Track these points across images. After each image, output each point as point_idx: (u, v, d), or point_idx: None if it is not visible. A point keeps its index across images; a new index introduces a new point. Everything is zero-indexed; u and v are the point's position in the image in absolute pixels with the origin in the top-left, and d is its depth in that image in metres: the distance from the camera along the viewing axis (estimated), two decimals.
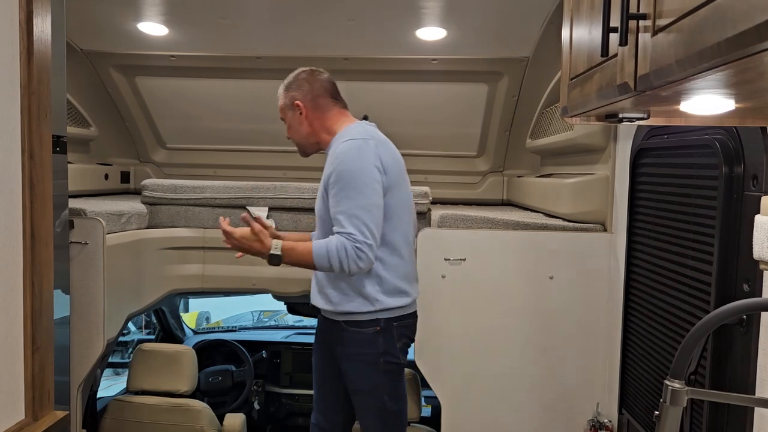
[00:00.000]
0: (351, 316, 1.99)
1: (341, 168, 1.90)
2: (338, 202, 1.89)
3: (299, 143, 2.14)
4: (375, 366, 2.00)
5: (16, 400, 1.39)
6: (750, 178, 1.38)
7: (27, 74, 1.34)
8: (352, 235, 1.86)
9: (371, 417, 2.06)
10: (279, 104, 2.15)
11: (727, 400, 1.25)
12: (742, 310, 0.94)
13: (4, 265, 1.35)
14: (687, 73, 0.75)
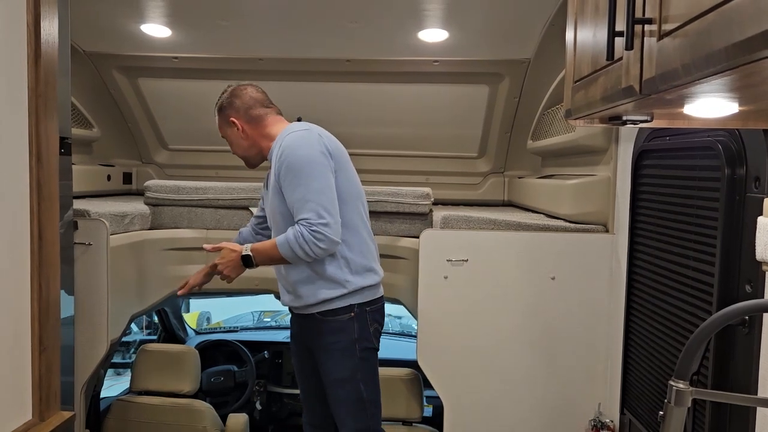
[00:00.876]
0: (324, 305, 2.03)
1: (289, 159, 1.96)
2: (292, 191, 1.95)
3: (244, 156, 2.21)
4: (351, 353, 2.05)
5: (24, 400, 1.40)
6: (752, 180, 1.39)
7: (35, 77, 1.35)
8: (308, 219, 1.91)
9: (347, 406, 2.07)
10: (217, 125, 2.22)
11: (730, 400, 1.26)
12: (747, 310, 0.95)
13: (11, 266, 1.36)
14: (693, 78, 0.76)
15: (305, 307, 2.08)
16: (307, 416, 2.30)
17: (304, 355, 2.20)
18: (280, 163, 1.98)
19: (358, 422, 2.07)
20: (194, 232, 2.84)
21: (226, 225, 2.84)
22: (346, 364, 2.05)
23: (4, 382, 1.35)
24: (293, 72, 3.06)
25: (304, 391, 2.28)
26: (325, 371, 2.09)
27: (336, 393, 2.08)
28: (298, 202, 1.94)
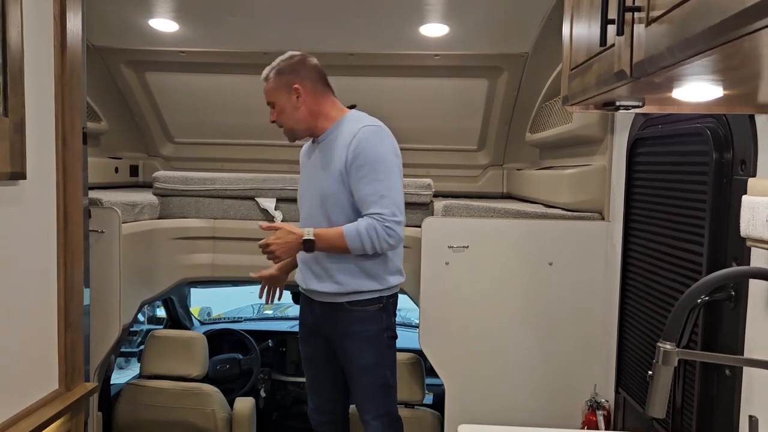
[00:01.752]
0: (357, 296, 2.08)
1: (368, 152, 1.99)
2: (366, 184, 1.98)
3: (292, 128, 2.15)
4: (379, 341, 2.11)
5: (51, 371, 1.48)
6: (738, 163, 1.47)
7: (61, 66, 1.43)
8: (382, 215, 1.96)
9: (372, 392, 2.13)
10: (267, 88, 2.13)
11: (713, 360, 1.35)
12: (727, 277, 1.03)
13: (41, 245, 1.44)
14: (677, 59, 0.84)
15: (335, 295, 2.09)
16: (314, 404, 2.32)
17: (318, 343, 2.22)
18: (356, 153, 1.99)
19: (380, 407, 2.14)
20: (201, 221, 2.91)
21: (233, 215, 2.92)
22: (374, 352, 2.11)
23: (34, 355, 1.43)
24: None
25: (314, 379, 2.30)
26: (351, 358, 2.12)
27: (361, 379, 2.13)
28: (373, 196, 1.97)
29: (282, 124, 2.15)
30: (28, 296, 1.41)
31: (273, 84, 2.12)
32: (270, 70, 2.15)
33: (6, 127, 1.22)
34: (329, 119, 2.13)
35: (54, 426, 1.42)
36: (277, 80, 2.12)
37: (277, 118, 2.14)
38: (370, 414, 2.13)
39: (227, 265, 2.94)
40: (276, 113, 2.14)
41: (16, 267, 1.36)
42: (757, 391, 1.37)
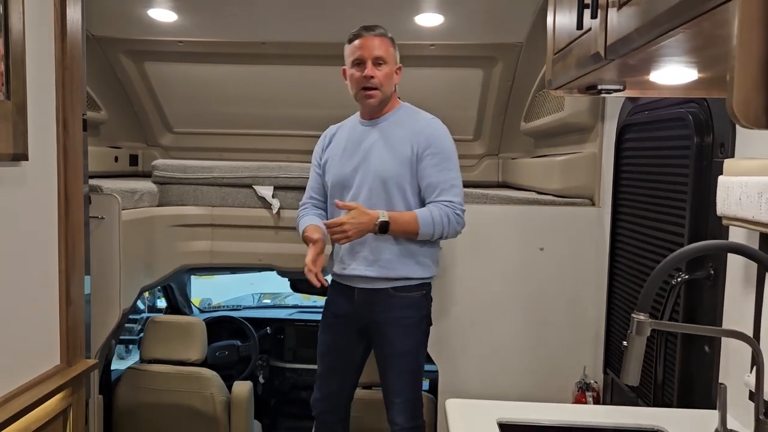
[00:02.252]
0: (402, 282, 2.11)
1: (443, 142, 2.10)
2: (439, 172, 2.06)
3: (384, 95, 2.12)
4: (419, 327, 2.15)
5: (53, 347, 1.53)
6: (718, 146, 1.52)
7: (61, 52, 1.48)
8: (453, 203, 2.05)
9: (406, 377, 2.16)
10: (387, 46, 2.11)
11: (682, 329, 1.40)
12: (697, 250, 1.08)
13: (43, 224, 1.49)
14: (645, 40, 0.88)
15: (383, 280, 2.10)
16: (323, 393, 2.30)
17: (349, 332, 2.21)
18: (429, 141, 2.07)
19: (413, 392, 2.18)
20: (200, 209, 2.96)
21: (231, 202, 2.96)
22: (413, 338, 2.14)
23: (36, 330, 1.48)
24: (296, 56, 3.17)
25: (330, 368, 2.27)
26: (391, 344, 2.14)
27: (397, 364, 2.15)
28: (445, 183, 2.06)
29: (379, 87, 2.09)
30: (30, 273, 1.46)
31: (390, 47, 2.13)
32: (384, 31, 2.13)
33: (8, 109, 1.26)
34: (392, 104, 2.19)
35: (55, 399, 1.48)
36: (393, 48, 2.15)
37: (382, 78, 2.09)
38: (400, 397, 2.16)
39: (225, 252, 2.99)
40: (383, 74, 2.09)
41: (18, 245, 1.41)
42: (731, 364, 1.42)
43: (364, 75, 2.08)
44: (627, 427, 1.40)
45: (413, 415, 2.19)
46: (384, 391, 2.22)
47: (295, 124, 3.55)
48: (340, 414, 2.33)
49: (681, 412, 1.51)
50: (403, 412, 2.16)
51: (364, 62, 2.08)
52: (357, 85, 2.11)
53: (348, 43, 2.15)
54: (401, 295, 2.12)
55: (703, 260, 1.54)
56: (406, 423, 2.17)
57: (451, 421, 1.42)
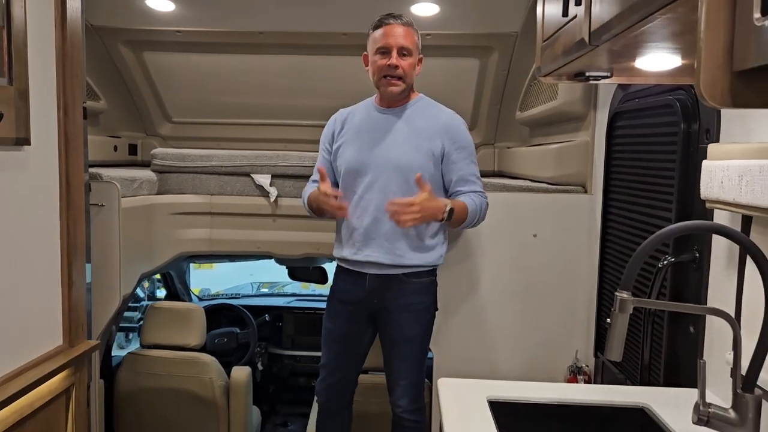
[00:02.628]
0: (414, 268, 2.16)
1: (466, 136, 2.20)
2: (467, 165, 2.17)
3: (407, 85, 2.15)
4: (427, 313, 2.21)
5: (55, 327, 1.57)
6: (704, 132, 1.55)
7: (61, 40, 1.51)
8: (483, 193, 2.19)
9: (412, 361, 2.21)
10: (414, 37, 2.14)
11: (663, 306, 1.45)
12: (677, 230, 1.12)
13: (45, 207, 1.52)
14: (624, 25, 0.92)
15: (395, 267, 2.14)
16: (329, 380, 2.30)
17: (359, 320, 2.23)
18: (456, 136, 2.16)
19: (419, 375, 2.23)
20: (199, 197, 2.99)
21: (229, 191, 3.00)
22: (421, 324, 2.20)
23: (39, 311, 1.52)
24: (292, 45, 3.20)
25: (338, 356, 2.28)
26: (398, 329, 2.18)
27: (405, 349, 2.19)
28: (473, 176, 2.18)
29: (403, 76, 2.11)
30: (33, 255, 1.50)
31: (416, 38, 2.16)
32: (409, 22, 2.14)
33: (11, 94, 1.30)
34: (413, 94, 2.24)
35: (58, 378, 1.52)
36: (417, 39, 2.17)
37: (407, 68, 2.12)
38: (405, 380, 2.20)
39: (224, 239, 3.03)
40: (408, 65, 2.12)
41: (22, 227, 1.45)
42: (715, 344, 1.47)
43: (389, 64, 2.08)
44: (613, 404, 1.44)
45: (416, 397, 2.24)
46: (388, 374, 2.26)
47: (292, 114, 3.58)
48: (345, 400, 2.37)
49: (665, 390, 1.56)
50: (406, 395, 2.21)
51: (389, 51, 2.08)
52: (380, 72, 2.11)
53: (373, 30, 2.14)
54: (413, 281, 2.17)
55: (688, 244, 1.59)
56: (409, 405, 2.21)
57: (442, 400, 1.47)
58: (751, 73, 0.64)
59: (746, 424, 1.10)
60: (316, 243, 2.97)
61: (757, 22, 0.59)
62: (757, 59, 0.61)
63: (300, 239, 3.00)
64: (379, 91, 2.20)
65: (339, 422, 2.36)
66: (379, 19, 2.14)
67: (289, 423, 3.70)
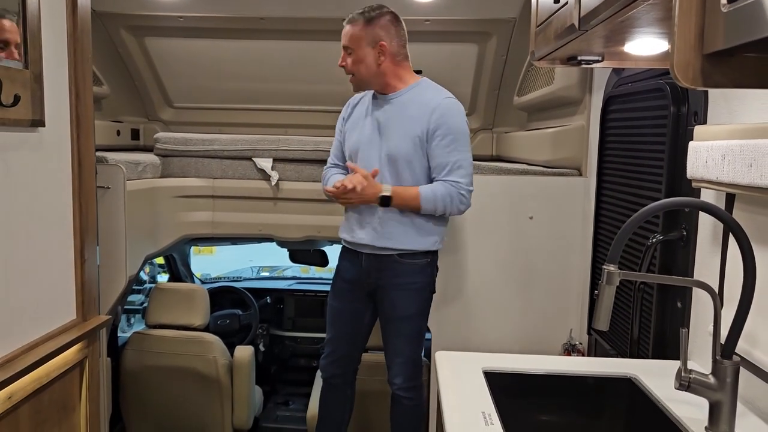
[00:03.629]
0: (407, 250, 2.20)
1: (452, 122, 2.13)
2: (449, 153, 2.12)
3: (364, 80, 2.19)
4: (423, 293, 2.25)
5: (69, 302, 1.64)
6: (692, 115, 1.61)
7: (72, 24, 1.56)
8: (459, 183, 2.12)
9: (409, 340, 2.27)
10: (353, 32, 2.15)
11: (649, 279, 1.51)
12: (660, 207, 1.18)
13: (58, 187, 1.58)
14: (611, 11, 0.98)
15: (387, 249, 2.20)
16: (332, 357, 2.39)
17: (357, 297, 2.31)
18: (440, 121, 2.12)
19: (414, 352, 2.30)
20: (201, 181, 3.05)
21: (231, 174, 3.05)
22: (417, 303, 2.25)
23: (54, 286, 1.59)
24: (293, 31, 3.24)
25: (338, 332, 2.37)
26: (394, 308, 2.24)
27: (401, 326, 2.26)
28: (453, 164, 2.12)
29: (354, 73, 2.18)
30: (48, 233, 1.57)
31: (359, 32, 2.15)
32: (359, 15, 2.17)
33: (27, 78, 1.35)
34: (402, 81, 2.22)
35: (72, 351, 1.59)
36: (365, 30, 2.15)
37: (351, 66, 2.17)
38: (401, 357, 2.28)
39: (226, 222, 3.09)
40: (351, 61, 2.16)
41: (37, 206, 1.51)
42: (700, 318, 1.54)
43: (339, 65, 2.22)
44: (602, 375, 1.51)
45: (413, 375, 2.31)
46: (386, 352, 2.34)
47: (293, 99, 3.63)
48: (348, 377, 2.45)
49: (652, 361, 1.63)
50: (402, 373, 2.28)
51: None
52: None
53: None
54: (407, 262, 2.22)
55: (676, 222, 1.65)
56: (404, 383, 2.29)
57: (440, 371, 1.53)
58: (720, 56, 0.69)
59: (725, 388, 1.17)
60: (317, 226, 3.04)
61: (724, 8, 0.65)
62: (725, 42, 0.66)
63: (301, 222, 3.06)
64: None
65: (341, 398, 2.44)
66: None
67: (290, 402, 3.78)
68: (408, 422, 2.33)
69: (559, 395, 1.52)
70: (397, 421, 2.34)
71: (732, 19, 0.64)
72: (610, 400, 1.50)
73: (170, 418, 2.96)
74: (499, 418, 1.24)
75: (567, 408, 1.51)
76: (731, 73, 0.71)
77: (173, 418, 2.95)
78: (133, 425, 2.98)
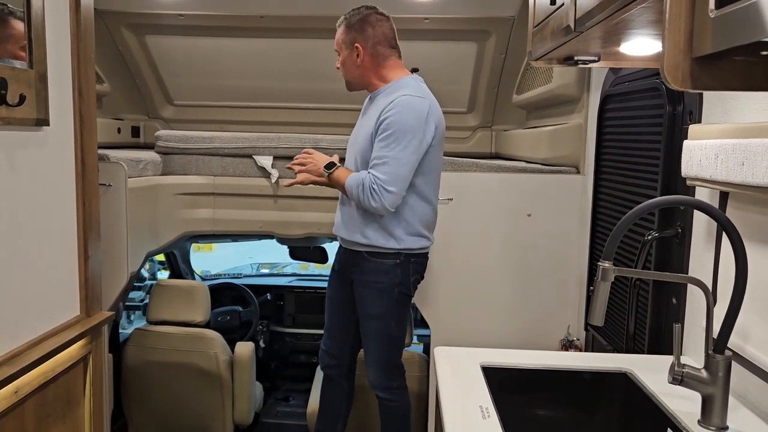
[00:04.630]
0: (375, 248, 2.22)
1: (395, 119, 2.08)
2: (381, 147, 2.10)
3: (347, 80, 2.30)
4: (389, 294, 2.23)
5: (73, 298, 1.66)
6: (687, 114, 1.63)
7: (75, 24, 1.58)
8: (378, 177, 2.08)
9: (376, 339, 2.29)
10: (336, 37, 2.25)
11: (642, 275, 1.54)
12: (655, 205, 1.20)
13: (63, 184, 1.60)
14: (605, 14, 1.00)
15: (354, 243, 2.26)
16: (326, 346, 2.47)
17: (343, 287, 2.37)
18: (385, 116, 2.10)
19: (383, 354, 2.30)
20: (202, 178, 3.07)
21: (232, 172, 3.07)
22: (382, 303, 2.24)
23: (58, 282, 1.61)
24: (293, 29, 3.26)
25: (331, 322, 2.45)
26: (362, 305, 2.28)
27: (368, 325, 2.29)
28: (379, 159, 2.09)
29: (343, 74, 2.30)
30: (52, 229, 1.59)
31: (340, 36, 2.25)
32: (342, 20, 2.27)
33: (32, 77, 1.37)
34: (383, 80, 2.24)
35: (77, 346, 1.61)
36: (344, 34, 2.24)
37: (339, 67, 2.29)
38: (370, 357, 2.31)
39: (227, 219, 3.11)
40: (339, 63, 2.29)
41: (42, 203, 1.53)
42: (695, 314, 1.56)
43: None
44: (598, 370, 1.54)
45: (385, 376, 2.31)
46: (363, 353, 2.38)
47: (292, 97, 3.65)
48: (344, 369, 2.48)
49: (648, 357, 1.65)
50: (374, 372, 2.31)
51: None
52: None
53: None
54: (375, 260, 2.23)
55: (672, 219, 1.67)
56: (377, 381, 2.31)
57: (438, 366, 1.56)
58: (709, 59, 0.72)
59: (717, 382, 1.19)
60: (317, 223, 3.06)
61: (712, 13, 0.67)
62: (713, 46, 0.69)
63: (301, 219, 3.08)
64: None
65: (339, 391, 2.47)
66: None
67: (290, 398, 3.81)
68: (391, 423, 2.35)
69: (556, 389, 1.55)
70: (382, 421, 2.37)
71: (719, 24, 0.66)
72: (606, 395, 1.53)
73: (171, 414, 2.99)
74: (497, 412, 1.26)
75: (563, 402, 1.54)
76: (719, 76, 0.73)
77: (174, 413, 2.98)
78: (135, 421, 3.01)
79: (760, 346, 1.24)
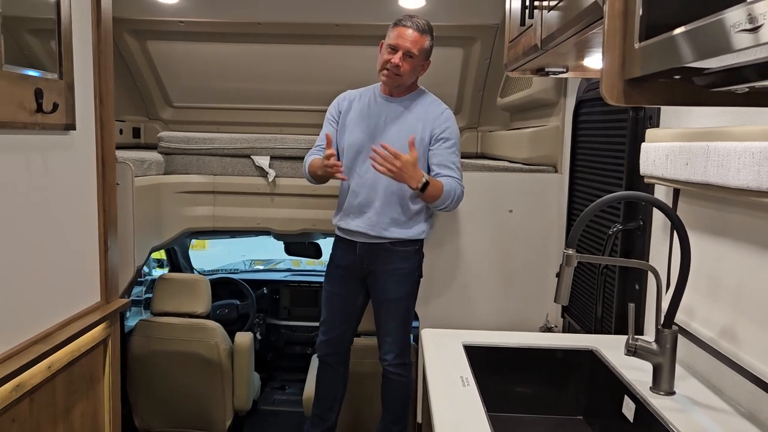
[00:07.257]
0: (400, 239, 2.45)
1: (454, 129, 2.45)
2: (450, 154, 2.41)
3: (404, 83, 2.44)
4: (411, 277, 2.50)
5: (95, 286, 1.83)
6: (648, 119, 1.82)
7: (97, 37, 1.74)
8: (459, 180, 2.40)
9: (399, 320, 2.51)
10: (422, 43, 2.38)
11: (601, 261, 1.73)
12: (613, 199, 1.39)
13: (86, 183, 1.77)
14: (565, 37, 1.18)
15: (381, 238, 2.44)
16: (327, 336, 2.62)
17: (346, 282, 2.55)
18: (444, 127, 2.41)
19: (405, 332, 2.53)
20: (202, 177, 3.23)
21: (231, 171, 3.23)
22: (405, 286, 2.50)
23: (82, 271, 1.77)
24: (289, 35, 3.42)
25: (334, 314, 2.59)
26: (385, 291, 2.49)
27: (391, 308, 2.50)
28: (452, 164, 2.40)
29: (401, 74, 2.37)
30: (77, 222, 1.75)
31: (425, 45, 2.40)
32: (428, 28, 2.41)
33: (62, 87, 1.53)
34: (413, 87, 2.52)
35: (98, 330, 1.77)
36: (428, 47, 2.43)
37: (406, 68, 2.37)
38: (390, 336, 2.51)
39: (226, 216, 3.27)
40: (408, 66, 2.37)
41: (69, 199, 1.69)
42: (654, 298, 1.75)
43: (392, 61, 2.35)
44: (568, 348, 1.72)
45: (401, 353, 2.53)
46: (378, 332, 2.56)
47: (289, 99, 3.81)
48: (341, 357, 2.66)
49: (612, 336, 1.84)
50: (392, 351, 2.50)
51: (396, 50, 2.36)
52: (383, 65, 2.40)
53: (392, 26, 2.43)
54: (398, 249, 2.47)
55: (635, 213, 1.86)
56: (394, 359, 2.51)
57: (425, 345, 1.74)
58: (638, 80, 0.90)
59: (665, 353, 1.38)
60: (312, 219, 3.23)
61: (637, 45, 0.86)
62: (640, 71, 0.87)
63: (297, 216, 3.25)
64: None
65: (336, 376, 2.64)
66: (400, 17, 2.43)
67: (287, 387, 3.97)
68: (397, 396, 2.54)
69: (530, 365, 1.73)
70: (387, 395, 2.55)
71: (643, 54, 0.84)
72: (574, 369, 1.71)
73: (175, 401, 3.14)
74: (476, 382, 1.44)
75: (537, 375, 1.72)
76: (647, 94, 0.91)
77: (178, 400, 3.14)
78: (140, 408, 3.16)
79: (703, 323, 1.43)
